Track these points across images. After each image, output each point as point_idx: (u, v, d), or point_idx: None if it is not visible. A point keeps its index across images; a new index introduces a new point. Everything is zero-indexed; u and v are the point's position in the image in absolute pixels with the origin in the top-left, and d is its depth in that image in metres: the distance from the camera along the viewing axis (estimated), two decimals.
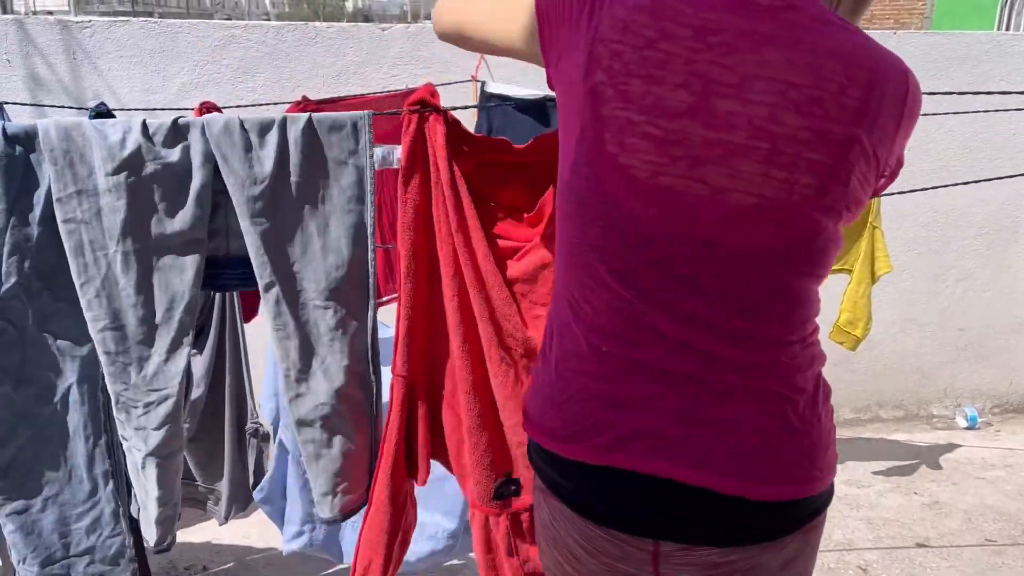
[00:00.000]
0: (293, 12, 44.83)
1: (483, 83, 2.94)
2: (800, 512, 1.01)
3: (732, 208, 0.93)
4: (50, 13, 14.16)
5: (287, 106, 2.69)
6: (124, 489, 1.78)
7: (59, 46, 3.03)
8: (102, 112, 2.43)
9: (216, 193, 1.55)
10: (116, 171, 1.50)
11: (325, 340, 1.59)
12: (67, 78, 3.09)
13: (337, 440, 1.65)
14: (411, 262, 1.53)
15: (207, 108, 2.49)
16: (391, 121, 1.97)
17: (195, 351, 2.34)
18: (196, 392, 2.40)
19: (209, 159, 1.52)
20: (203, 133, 1.51)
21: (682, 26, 0.93)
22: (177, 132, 1.52)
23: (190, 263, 1.56)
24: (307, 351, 1.60)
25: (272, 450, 2.32)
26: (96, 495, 1.75)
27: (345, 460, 1.67)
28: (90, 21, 3.08)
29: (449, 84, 3.06)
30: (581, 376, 1.03)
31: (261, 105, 2.94)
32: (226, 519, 2.59)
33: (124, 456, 1.73)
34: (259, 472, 2.51)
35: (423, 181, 1.50)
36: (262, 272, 1.55)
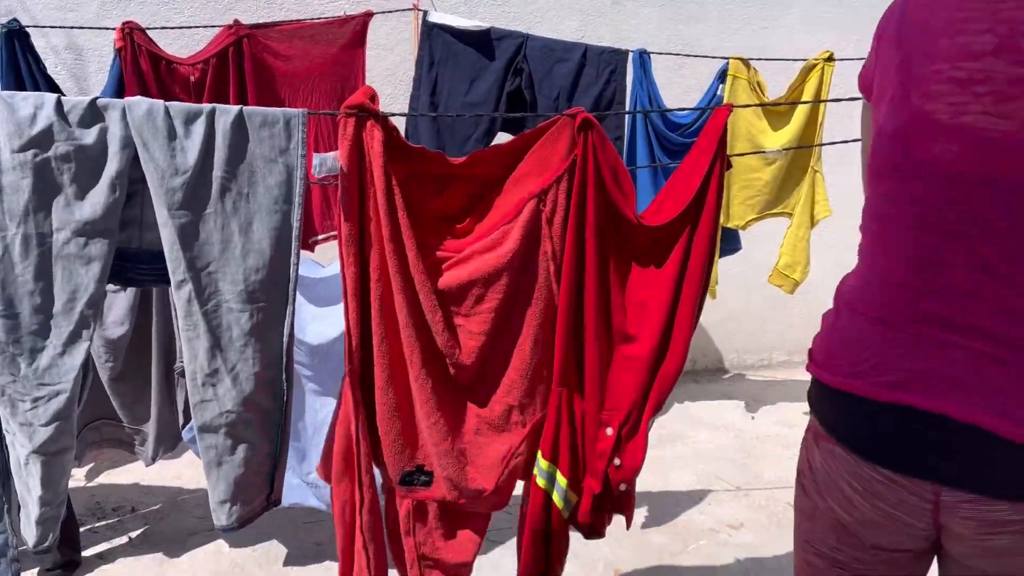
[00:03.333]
0: None
1: (425, 12, 2.86)
2: None
3: None
4: None
5: (217, 30, 2.59)
6: (10, 485, 1.68)
7: None
8: (14, 29, 2.28)
9: (132, 182, 1.46)
10: (23, 148, 1.40)
11: (238, 345, 1.52)
12: None
13: (241, 448, 1.59)
14: (356, 273, 1.49)
15: (130, 28, 2.36)
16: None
17: (118, 288, 2.25)
18: (121, 330, 2.35)
19: (128, 144, 1.43)
20: (123, 116, 1.42)
21: None
22: (94, 113, 1.42)
23: (97, 253, 1.46)
24: (217, 355, 1.52)
25: None
26: None
27: (247, 468, 1.60)
28: None
29: (390, 12, 2.98)
30: (867, 319, 1.05)
31: (189, 28, 2.80)
32: (153, 460, 2.54)
33: (7, 452, 1.63)
34: (188, 412, 2.43)
35: (362, 188, 1.46)
36: (175, 268, 1.47)
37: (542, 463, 1.63)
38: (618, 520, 1.77)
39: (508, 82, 2.87)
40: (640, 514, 2.79)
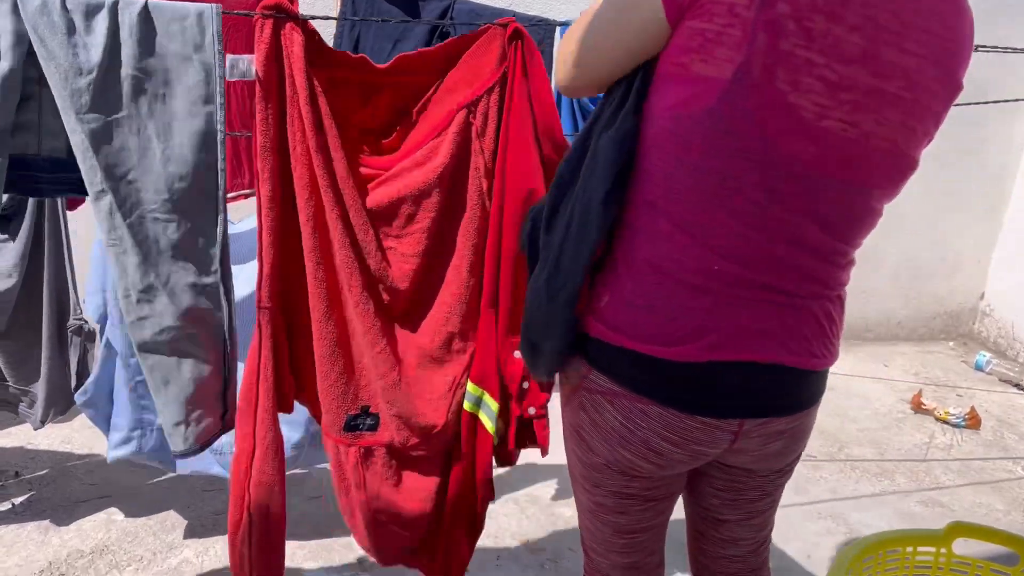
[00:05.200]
0: None
1: None
2: (826, 379, 1.22)
3: (871, 152, 1.02)
4: None
5: None
6: None
7: None
8: None
9: (28, 81, 1.34)
10: None
11: (167, 256, 1.42)
12: None
13: (187, 365, 1.49)
14: (273, 188, 1.40)
15: None
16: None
17: (6, 237, 2.09)
18: (8, 283, 2.17)
19: (22, 41, 1.31)
20: (15, 9, 1.29)
21: None
22: None
23: None
24: (148, 269, 1.41)
25: (98, 350, 2.11)
26: None
27: (197, 386, 1.51)
28: None
29: None
30: (685, 287, 1.07)
31: None
32: (42, 423, 2.35)
33: None
34: (82, 373, 2.28)
35: (280, 96, 1.38)
36: (92, 178, 1.36)
37: (470, 387, 1.58)
38: (527, 493, 1.72)
39: (434, 45, 2.82)
40: (549, 487, 2.78)
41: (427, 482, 1.61)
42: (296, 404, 1.63)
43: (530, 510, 2.62)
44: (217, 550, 2.33)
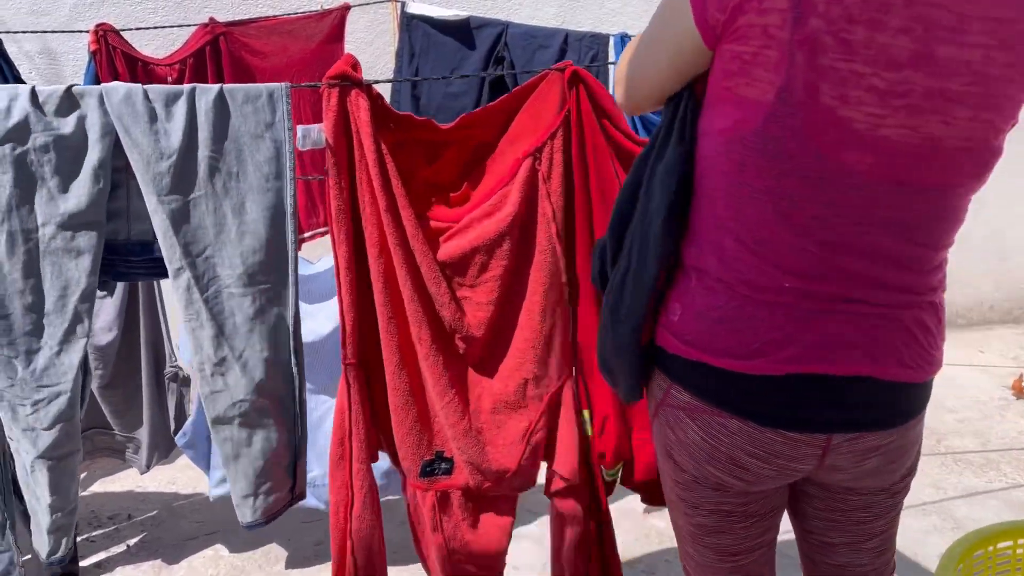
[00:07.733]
0: None
1: (403, 3, 2.82)
2: (927, 392, 1.16)
3: (942, 153, 0.98)
4: None
5: (193, 29, 2.55)
6: (11, 499, 1.63)
7: None
8: None
9: (116, 171, 1.42)
10: (1, 142, 1.36)
11: (243, 331, 1.47)
12: None
13: (258, 438, 1.54)
14: (349, 250, 1.45)
15: (103, 30, 2.32)
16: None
17: (104, 293, 2.20)
18: (108, 336, 2.30)
19: (108, 131, 1.39)
20: (101, 103, 1.38)
21: None
22: (71, 101, 1.39)
23: (86, 246, 1.42)
24: (222, 342, 1.47)
25: (193, 394, 2.22)
26: None
27: (267, 459, 1.55)
28: None
29: (368, 4, 2.93)
30: (755, 302, 1.06)
31: (164, 28, 2.75)
32: (147, 467, 2.49)
33: (12, 461, 1.58)
34: (180, 417, 2.41)
35: (351, 161, 1.42)
36: (171, 256, 1.43)
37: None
38: (617, 508, 1.73)
39: (491, 69, 2.86)
40: (639, 499, 2.77)
41: (503, 521, 1.63)
42: None
43: (623, 524, 2.62)
44: None
